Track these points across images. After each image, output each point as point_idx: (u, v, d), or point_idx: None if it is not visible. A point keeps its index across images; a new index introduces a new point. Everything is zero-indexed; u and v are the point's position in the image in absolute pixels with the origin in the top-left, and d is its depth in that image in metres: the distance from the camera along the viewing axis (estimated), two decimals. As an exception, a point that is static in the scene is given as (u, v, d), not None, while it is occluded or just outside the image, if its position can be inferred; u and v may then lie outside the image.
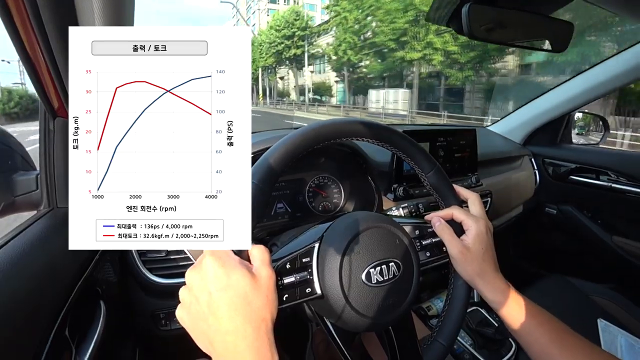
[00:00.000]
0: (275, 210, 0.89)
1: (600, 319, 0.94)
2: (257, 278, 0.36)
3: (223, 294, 0.34)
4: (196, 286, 0.35)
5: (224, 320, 0.33)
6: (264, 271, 0.36)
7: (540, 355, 0.48)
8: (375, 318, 0.44)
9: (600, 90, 1.22)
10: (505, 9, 0.61)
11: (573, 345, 0.47)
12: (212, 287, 0.34)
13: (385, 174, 1.00)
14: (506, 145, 1.51)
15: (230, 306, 0.34)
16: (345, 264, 0.42)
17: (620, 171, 1.26)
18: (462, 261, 0.52)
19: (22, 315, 0.44)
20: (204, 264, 0.35)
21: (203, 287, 0.34)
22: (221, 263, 0.35)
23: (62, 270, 0.55)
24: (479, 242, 0.53)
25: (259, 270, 0.36)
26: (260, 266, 0.37)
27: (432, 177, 0.54)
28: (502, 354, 0.89)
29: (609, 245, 1.32)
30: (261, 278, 0.36)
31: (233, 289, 0.34)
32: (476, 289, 0.53)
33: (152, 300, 0.79)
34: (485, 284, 0.52)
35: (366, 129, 0.49)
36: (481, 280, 0.52)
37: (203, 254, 0.36)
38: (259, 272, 0.36)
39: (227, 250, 0.36)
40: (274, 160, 0.42)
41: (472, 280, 0.53)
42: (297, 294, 0.41)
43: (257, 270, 0.36)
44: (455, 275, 0.55)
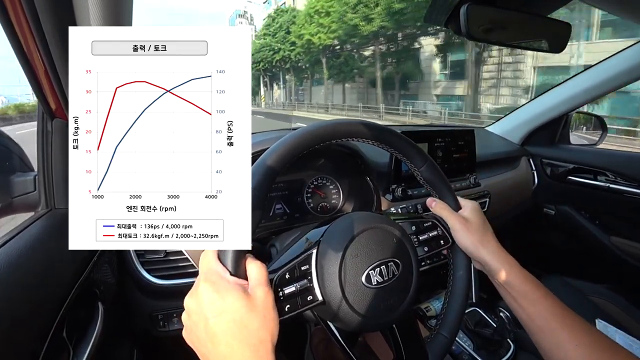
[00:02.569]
0: (273, 211, 0.88)
1: (598, 319, 0.94)
2: (253, 298, 0.35)
3: (219, 319, 0.34)
4: (194, 312, 0.36)
5: (222, 346, 0.34)
6: (259, 291, 0.36)
7: (541, 329, 0.49)
8: (378, 318, 0.44)
9: (599, 91, 1.23)
10: (504, 9, 0.61)
11: (575, 323, 0.47)
12: (208, 314, 0.34)
13: (384, 175, 1.00)
14: (504, 146, 1.51)
15: (226, 332, 0.34)
16: (344, 269, 0.42)
17: (618, 171, 1.26)
18: (464, 230, 0.54)
19: (19, 316, 0.44)
20: (199, 290, 0.35)
21: (199, 313, 0.35)
22: (215, 288, 0.35)
23: (60, 272, 0.55)
24: (477, 215, 0.56)
25: (255, 290, 0.36)
26: (256, 285, 0.36)
27: (425, 172, 0.55)
28: (501, 354, 0.88)
29: (607, 245, 1.32)
30: (257, 298, 0.36)
31: (228, 313, 0.34)
32: (480, 260, 0.54)
33: (150, 302, 0.79)
34: (489, 253, 0.53)
35: (363, 130, 0.49)
36: (484, 248, 0.53)
37: (198, 279, 0.36)
38: (254, 292, 0.36)
39: (221, 273, 0.36)
40: (270, 163, 0.42)
41: (475, 250, 0.53)
42: (299, 303, 0.41)
43: (253, 290, 0.36)
44: (454, 267, 0.55)
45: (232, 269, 0.36)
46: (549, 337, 0.48)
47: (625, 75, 1.14)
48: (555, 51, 0.70)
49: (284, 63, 31.43)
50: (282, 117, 20.42)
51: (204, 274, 0.36)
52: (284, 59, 30.31)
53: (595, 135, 1.53)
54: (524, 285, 0.50)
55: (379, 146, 0.52)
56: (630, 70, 1.12)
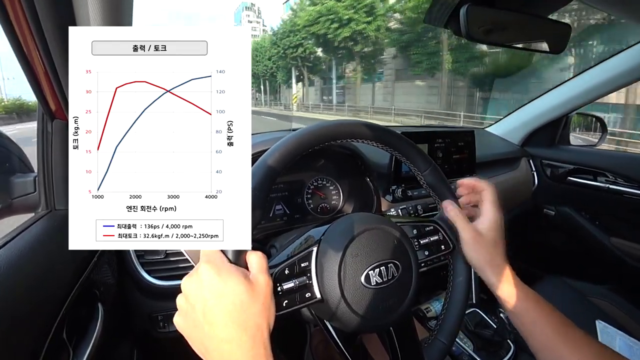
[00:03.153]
0: (273, 212, 0.88)
1: (598, 320, 0.94)
2: (254, 285, 0.35)
3: (218, 301, 0.34)
4: (192, 294, 0.35)
5: (219, 328, 0.33)
6: (261, 278, 0.36)
7: (544, 346, 0.48)
8: (376, 319, 0.44)
9: (599, 92, 1.23)
10: (504, 10, 0.61)
11: (576, 338, 0.47)
12: (207, 295, 0.34)
13: (384, 176, 1.00)
14: (504, 147, 1.51)
15: (225, 314, 0.33)
16: (344, 267, 0.42)
17: (618, 172, 1.26)
18: (474, 246, 0.52)
19: (19, 317, 0.44)
20: (199, 272, 0.35)
21: (199, 295, 0.34)
22: (217, 271, 0.34)
23: (60, 273, 0.55)
24: (494, 230, 0.53)
25: (256, 277, 0.36)
26: (258, 273, 0.36)
27: (428, 176, 0.54)
28: (501, 355, 0.88)
29: (607, 246, 1.32)
30: (258, 285, 0.36)
31: (229, 296, 0.34)
32: (484, 277, 0.53)
33: (150, 302, 0.79)
34: (495, 274, 0.51)
35: (364, 131, 0.49)
36: (491, 268, 0.51)
37: (199, 262, 0.36)
38: (256, 279, 0.36)
39: (223, 257, 0.36)
40: (270, 163, 0.42)
41: (481, 268, 0.52)
42: (297, 299, 0.41)
43: (254, 277, 0.36)
44: (454, 273, 0.55)
45: (233, 258, 0.36)
46: (551, 353, 0.47)
47: (625, 76, 1.14)
48: (555, 52, 0.70)
49: (349, 42, 20.17)
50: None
51: (206, 256, 0.36)
52: (355, 35, 19.52)
53: (595, 137, 1.53)
54: (525, 304, 0.50)
55: (382, 148, 0.52)
56: (631, 71, 1.12)
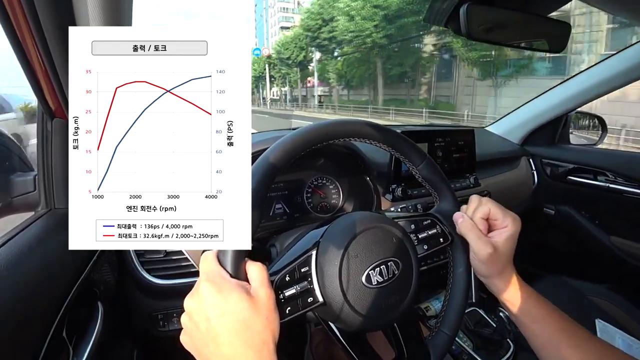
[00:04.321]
0: (273, 210, 0.88)
1: (598, 319, 0.94)
2: (256, 299, 0.35)
3: (222, 320, 0.33)
4: (195, 313, 0.35)
5: (225, 346, 0.33)
6: (262, 292, 0.36)
7: (546, 345, 0.48)
8: (379, 318, 0.44)
9: (598, 91, 1.23)
10: (503, 9, 0.61)
11: (579, 336, 0.47)
12: (210, 314, 0.34)
13: (384, 175, 1.00)
14: (504, 146, 1.51)
15: (230, 332, 0.33)
16: (344, 269, 0.42)
17: (618, 172, 1.26)
18: (486, 262, 0.50)
19: (19, 316, 0.44)
20: (200, 290, 0.35)
21: (201, 314, 0.34)
22: (217, 288, 0.34)
23: (60, 272, 0.55)
24: (511, 243, 0.51)
25: (257, 291, 0.36)
26: (259, 287, 0.36)
27: (423, 170, 0.54)
28: (501, 354, 0.89)
29: (607, 245, 1.32)
30: (260, 299, 0.35)
31: (231, 314, 0.34)
32: (489, 285, 0.52)
33: (150, 301, 0.79)
34: (502, 283, 0.51)
35: (362, 130, 0.49)
36: (499, 279, 0.51)
37: (199, 280, 0.36)
38: (257, 293, 0.36)
39: (223, 273, 0.36)
40: (271, 161, 0.42)
41: (489, 279, 0.52)
42: (300, 305, 0.41)
43: (255, 291, 0.36)
44: (454, 265, 0.55)
45: (232, 271, 0.36)
46: (553, 352, 0.47)
47: (624, 75, 1.14)
48: (555, 51, 0.70)
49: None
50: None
51: (205, 274, 0.36)
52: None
53: (595, 135, 1.53)
54: (526, 303, 0.50)
55: (379, 146, 0.52)
56: (630, 70, 1.12)
